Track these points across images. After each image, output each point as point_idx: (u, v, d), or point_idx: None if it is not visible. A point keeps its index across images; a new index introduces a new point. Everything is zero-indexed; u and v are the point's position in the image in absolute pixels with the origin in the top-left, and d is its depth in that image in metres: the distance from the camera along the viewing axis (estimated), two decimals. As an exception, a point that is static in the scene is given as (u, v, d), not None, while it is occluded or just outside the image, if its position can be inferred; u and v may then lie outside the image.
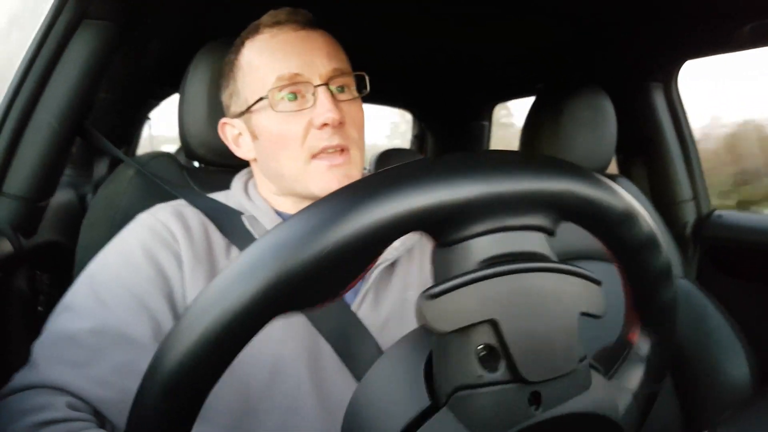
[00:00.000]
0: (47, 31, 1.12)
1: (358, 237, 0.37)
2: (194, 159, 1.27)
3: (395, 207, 0.38)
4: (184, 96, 1.22)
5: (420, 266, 1.10)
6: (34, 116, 1.14)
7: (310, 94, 0.95)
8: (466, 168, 0.41)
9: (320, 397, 0.93)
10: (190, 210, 1.02)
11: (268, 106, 0.96)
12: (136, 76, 2.01)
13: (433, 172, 0.40)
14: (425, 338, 0.48)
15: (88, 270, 0.93)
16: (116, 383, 0.80)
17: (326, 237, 0.36)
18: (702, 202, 2.09)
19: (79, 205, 1.65)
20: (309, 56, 0.96)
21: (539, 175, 0.43)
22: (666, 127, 2.05)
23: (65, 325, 0.86)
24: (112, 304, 0.86)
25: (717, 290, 1.79)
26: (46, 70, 1.14)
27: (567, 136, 1.72)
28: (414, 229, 0.40)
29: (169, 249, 0.93)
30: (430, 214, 0.39)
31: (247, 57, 1.00)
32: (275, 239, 0.37)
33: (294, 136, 0.95)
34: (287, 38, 0.98)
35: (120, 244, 0.95)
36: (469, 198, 0.40)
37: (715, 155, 4.05)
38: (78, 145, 1.30)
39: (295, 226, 0.38)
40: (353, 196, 0.38)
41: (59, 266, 1.28)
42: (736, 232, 1.93)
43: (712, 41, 1.74)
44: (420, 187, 0.39)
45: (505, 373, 0.42)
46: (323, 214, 0.38)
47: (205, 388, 0.39)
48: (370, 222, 0.37)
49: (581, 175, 0.45)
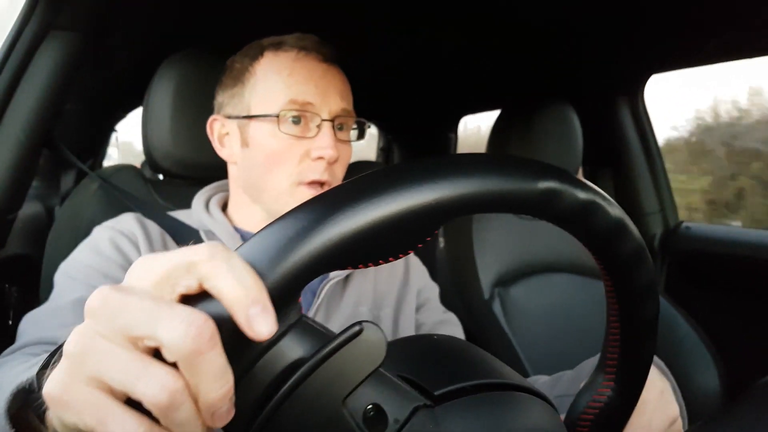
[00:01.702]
0: (13, 41, 1.11)
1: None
2: (159, 172, 1.27)
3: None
4: (148, 108, 1.21)
5: (375, 281, 1.11)
6: (0, 128, 1.13)
7: (315, 125, 0.97)
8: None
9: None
10: (150, 220, 1.05)
11: (273, 123, 0.96)
12: (102, 88, 2.00)
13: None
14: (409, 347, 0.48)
15: (61, 269, 0.96)
16: None
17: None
18: (669, 214, 2.12)
19: (47, 217, 1.63)
20: (325, 89, 0.98)
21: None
22: (632, 139, 2.08)
23: (46, 305, 0.89)
24: (87, 282, 0.90)
25: (685, 301, 1.81)
26: (12, 82, 1.13)
27: (533, 148, 1.74)
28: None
29: (132, 243, 0.97)
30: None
31: (265, 68, 1.00)
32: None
33: (289, 159, 0.96)
34: (310, 66, 0.99)
35: (88, 241, 0.99)
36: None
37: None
38: (45, 157, 1.29)
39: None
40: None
41: (27, 279, 1.26)
42: (704, 244, 1.96)
43: (679, 55, 1.78)
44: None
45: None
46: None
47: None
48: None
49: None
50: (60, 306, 0.87)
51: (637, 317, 0.52)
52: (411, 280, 1.16)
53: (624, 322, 0.52)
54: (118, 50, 1.71)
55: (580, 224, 0.45)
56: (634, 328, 0.52)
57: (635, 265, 0.48)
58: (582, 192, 0.43)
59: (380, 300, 1.10)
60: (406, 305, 1.13)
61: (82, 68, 1.27)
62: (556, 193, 0.42)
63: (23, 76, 1.15)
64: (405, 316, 1.12)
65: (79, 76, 1.27)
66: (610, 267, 0.49)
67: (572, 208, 0.43)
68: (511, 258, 1.77)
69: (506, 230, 1.80)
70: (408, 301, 1.13)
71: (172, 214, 1.08)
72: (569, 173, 0.44)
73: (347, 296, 1.06)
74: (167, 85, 1.19)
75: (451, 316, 1.20)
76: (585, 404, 0.58)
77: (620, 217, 0.46)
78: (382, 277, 1.13)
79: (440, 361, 0.49)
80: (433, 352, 0.51)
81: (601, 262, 0.49)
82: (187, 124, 1.17)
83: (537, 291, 1.75)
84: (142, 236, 0.98)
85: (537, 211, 0.43)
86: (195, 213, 1.07)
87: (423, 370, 0.46)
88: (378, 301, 1.10)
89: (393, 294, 1.12)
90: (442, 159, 0.41)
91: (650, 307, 0.51)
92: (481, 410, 0.43)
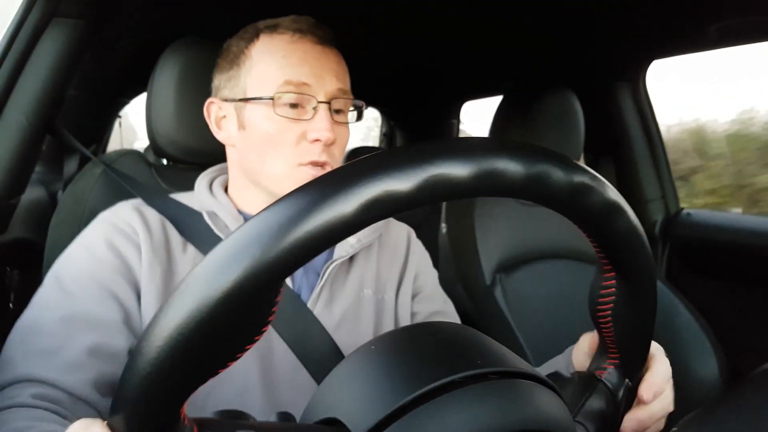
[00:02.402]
0: (17, 29, 1.12)
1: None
2: (162, 156, 1.28)
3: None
4: (151, 94, 1.22)
5: (377, 264, 1.12)
6: (4, 114, 1.14)
7: (311, 107, 0.96)
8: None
9: (269, 395, 0.94)
10: (150, 207, 1.03)
11: (268, 105, 0.96)
12: (105, 74, 2.00)
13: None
14: (387, 344, 0.48)
15: (54, 267, 0.93)
16: (90, 365, 0.81)
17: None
18: (670, 200, 2.12)
19: (50, 202, 1.64)
20: (320, 71, 0.98)
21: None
22: (633, 126, 2.08)
23: (33, 320, 0.86)
24: (80, 294, 0.87)
25: (686, 289, 1.81)
26: (16, 68, 1.14)
27: (534, 135, 1.74)
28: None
29: (130, 241, 0.94)
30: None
31: (260, 50, 1.00)
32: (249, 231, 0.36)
33: (286, 141, 0.96)
34: (305, 47, 0.99)
35: (83, 240, 0.96)
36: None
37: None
38: (49, 142, 1.29)
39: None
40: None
41: (30, 263, 1.27)
42: (705, 231, 1.96)
43: (679, 41, 1.77)
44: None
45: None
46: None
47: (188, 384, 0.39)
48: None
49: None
50: (44, 324, 0.84)
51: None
52: (410, 262, 1.16)
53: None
54: (122, 37, 1.72)
55: (571, 205, 0.45)
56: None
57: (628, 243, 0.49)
58: (571, 173, 0.43)
59: (383, 283, 1.11)
60: (404, 288, 1.13)
61: (85, 55, 1.27)
62: (544, 175, 0.42)
63: (27, 62, 1.15)
64: (403, 298, 1.13)
65: (82, 62, 1.27)
66: (603, 245, 0.50)
67: (562, 190, 0.43)
68: (513, 244, 1.78)
69: (508, 216, 1.80)
70: (405, 284, 1.14)
71: (174, 197, 1.07)
72: (554, 153, 0.44)
73: (351, 278, 1.07)
74: (171, 70, 1.20)
75: (449, 307, 1.20)
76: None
77: (614, 199, 0.46)
78: (384, 259, 1.13)
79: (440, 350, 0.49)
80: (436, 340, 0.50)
81: (595, 242, 0.50)
82: (191, 109, 1.17)
83: (538, 277, 1.76)
84: (141, 227, 0.96)
85: (525, 194, 0.43)
86: (198, 195, 1.07)
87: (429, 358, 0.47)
88: (381, 285, 1.11)
89: (395, 278, 1.13)
90: (431, 143, 0.40)
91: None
92: (488, 398, 0.43)
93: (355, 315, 1.04)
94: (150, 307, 0.91)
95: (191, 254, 0.99)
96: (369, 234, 1.09)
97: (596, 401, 0.59)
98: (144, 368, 0.36)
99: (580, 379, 0.62)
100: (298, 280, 1.03)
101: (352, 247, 1.06)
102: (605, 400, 0.60)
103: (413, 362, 0.46)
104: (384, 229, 1.16)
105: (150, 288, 0.92)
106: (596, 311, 0.57)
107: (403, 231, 1.21)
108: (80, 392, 0.79)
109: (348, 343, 1.00)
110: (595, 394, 0.60)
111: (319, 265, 1.05)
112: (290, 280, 1.02)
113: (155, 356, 0.35)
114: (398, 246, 1.17)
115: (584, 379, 0.62)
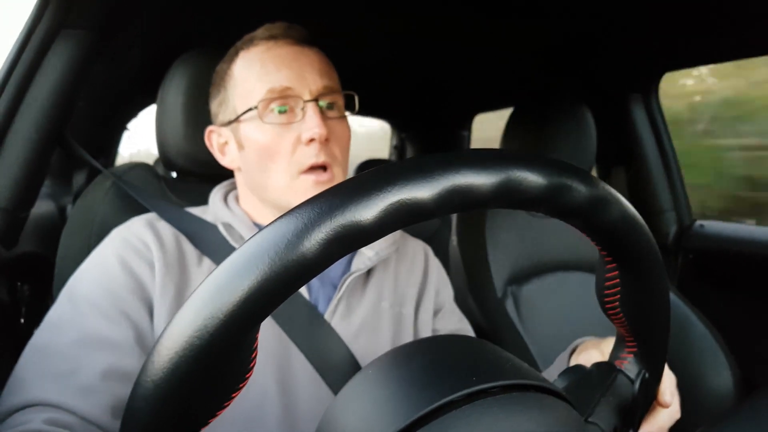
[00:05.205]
0: (25, 40, 1.12)
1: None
2: (172, 169, 1.27)
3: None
4: (161, 106, 1.21)
5: (395, 277, 1.11)
6: (13, 127, 1.14)
7: (299, 109, 0.96)
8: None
9: (286, 406, 0.92)
10: (163, 221, 1.02)
11: (256, 117, 0.96)
12: (114, 86, 2.01)
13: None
14: (405, 356, 0.47)
15: (67, 286, 0.92)
16: (103, 388, 0.80)
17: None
18: (683, 212, 2.10)
19: (59, 216, 1.64)
20: (301, 71, 0.97)
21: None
22: (645, 137, 2.07)
23: (47, 341, 0.85)
24: (93, 315, 0.86)
25: (699, 300, 1.80)
26: (24, 80, 1.14)
27: (546, 147, 1.73)
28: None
29: (143, 258, 0.93)
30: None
31: (240, 67, 1.00)
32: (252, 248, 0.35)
33: (282, 149, 0.95)
34: (281, 52, 0.99)
35: (96, 258, 0.95)
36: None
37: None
38: (57, 155, 1.29)
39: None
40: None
41: (40, 278, 1.27)
42: (718, 242, 1.94)
43: (692, 53, 1.77)
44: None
45: None
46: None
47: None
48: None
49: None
50: (58, 346, 0.83)
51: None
52: (430, 279, 1.15)
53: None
54: (130, 48, 1.72)
55: (584, 218, 0.44)
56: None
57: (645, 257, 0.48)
58: (586, 186, 0.42)
59: (401, 297, 1.10)
60: (425, 305, 1.12)
61: (93, 66, 1.27)
62: (561, 187, 0.41)
63: (35, 74, 1.15)
64: (424, 315, 1.12)
65: (91, 74, 1.27)
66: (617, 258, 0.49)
67: (577, 203, 0.42)
68: (524, 256, 1.77)
69: (519, 228, 1.80)
70: (426, 301, 1.13)
71: (189, 211, 1.07)
72: (571, 166, 0.43)
73: (369, 291, 1.06)
74: (180, 82, 1.20)
75: (466, 324, 1.20)
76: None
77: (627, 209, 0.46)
78: (402, 273, 1.12)
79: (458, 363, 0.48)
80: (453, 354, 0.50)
81: (608, 254, 0.49)
82: (201, 121, 1.16)
83: (550, 289, 1.75)
84: (154, 243, 0.95)
85: (539, 207, 0.42)
86: (212, 207, 1.06)
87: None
88: (399, 298, 1.10)
89: (413, 293, 1.12)
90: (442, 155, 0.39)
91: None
92: (504, 412, 0.42)
93: (372, 327, 1.03)
94: (162, 324, 0.90)
95: (206, 267, 0.98)
96: (386, 247, 1.08)
97: (616, 392, 0.59)
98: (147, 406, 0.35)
99: (599, 370, 0.61)
100: (315, 292, 1.02)
101: (370, 260, 1.05)
102: (625, 391, 0.59)
103: (413, 381, 0.45)
104: (401, 243, 1.16)
105: (163, 305, 0.91)
106: (603, 296, 0.56)
107: (420, 247, 1.20)
108: (93, 417, 0.78)
109: (366, 354, 0.99)
110: (615, 384, 0.59)
111: (336, 277, 1.04)
112: (306, 292, 1.01)
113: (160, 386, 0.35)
114: (415, 261, 1.16)
115: (604, 370, 0.61)
